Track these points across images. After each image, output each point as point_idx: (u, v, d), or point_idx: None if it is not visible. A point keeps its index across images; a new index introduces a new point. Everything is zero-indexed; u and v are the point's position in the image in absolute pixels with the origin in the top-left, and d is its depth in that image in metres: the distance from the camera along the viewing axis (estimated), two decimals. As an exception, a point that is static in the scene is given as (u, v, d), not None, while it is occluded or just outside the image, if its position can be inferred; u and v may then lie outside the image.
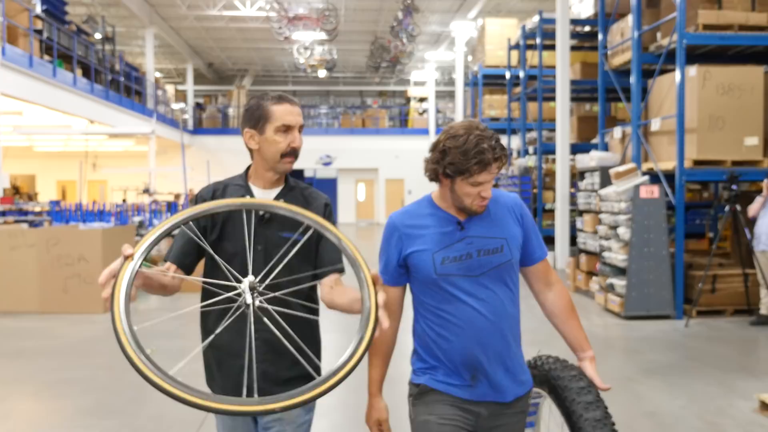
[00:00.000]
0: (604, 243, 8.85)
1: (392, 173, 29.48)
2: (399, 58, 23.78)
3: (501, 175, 15.09)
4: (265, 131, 2.14)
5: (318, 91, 35.54)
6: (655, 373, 5.81)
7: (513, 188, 14.14)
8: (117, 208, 14.21)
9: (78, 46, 15.78)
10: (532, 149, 14.92)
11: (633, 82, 9.06)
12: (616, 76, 10.02)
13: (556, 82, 12.32)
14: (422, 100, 30.60)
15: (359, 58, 28.95)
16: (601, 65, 10.34)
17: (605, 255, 8.77)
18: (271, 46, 26.49)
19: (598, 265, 9.03)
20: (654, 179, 8.53)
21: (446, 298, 2.09)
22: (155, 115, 21.41)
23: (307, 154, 27.74)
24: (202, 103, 31.31)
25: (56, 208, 12.87)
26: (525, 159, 14.86)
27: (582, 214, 10.09)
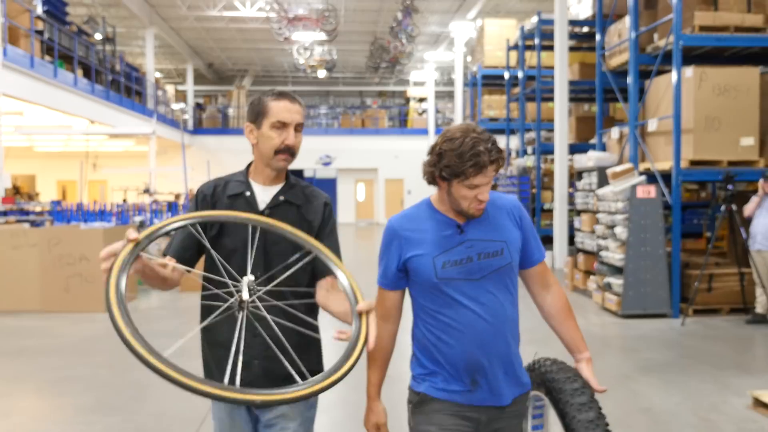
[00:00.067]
0: (602, 242, 8.91)
1: (392, 173, 29.53)
2: (398, 59, 23.84)
3: (500, 175, 15.15)
4: (262, 126, 2.15)
5: (318, 92, 35.60)
6: (652, 371, 5.87)
7: (512, 188, 14.20)
8: (118, 208, 14.26)
9: (79, 46, 15.83)
10: (531, 149, 14.98)
11: (630, 82, 9.12)
12: (613, 77, 10.07)
13: (555, 83, 12.38)
14: (422, 101, 30.64)
15: (359, 59, 29.01)
16: (598, 66, 10.40)
17: (603, 254, 8.83)
18: (271, 47, 26.54)
19: (596, 265, 9.09)
20: (651, 179, 8.59)
21: (447, 302, 2.08)
22: (155, 115, 21.46)
23: (307, 154, 27.81)
24: (202, 103, 31.39)
25: (57, 208, 12.92)
26: (524, 159, 14.92)
27: (580, 213, 10.15)
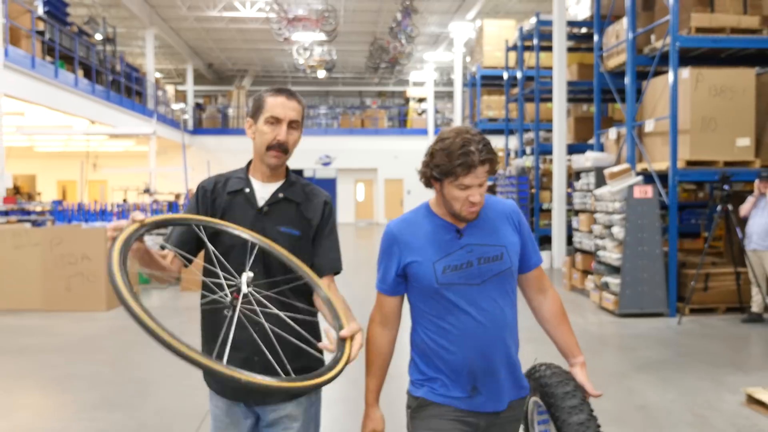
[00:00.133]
0: (599, 242, 8.98)
1: (391, 173, 29.58)
2: (398, 59, 23.90)
3: (498, 175, 15.20)
4: (259, 121, 2.14)
5: (317, 92, 35.65)
6: (648, 369, 5.94)
7: (510, 188, 14.26)
8: (118, 208, 14.33)
9: (79, 47, 15.89)
10: (530, 149, 15.04)
11: (627, 83, 9.19)
12: (611, 78, 10.13)
13: (553, 83, 12.46)
14: (421, 101, 30.70)
15: (358, 59, 29.06)
16: (596, 67, 10.47)
17: (600, 254, 8.89)
18: (271, 47, 26.60)
19: (593, 264, 9.15)
20: (648, 179, 8.66)
21: (447, 307, 2.05)
22: (155, 115, 21.52)
23: (307, 154, 27.88)
24: (201, 103, 31.44)
25: (58, 208, 12.98)
26: (522, 159, 14.98)
27: (578, 213, 10.22)
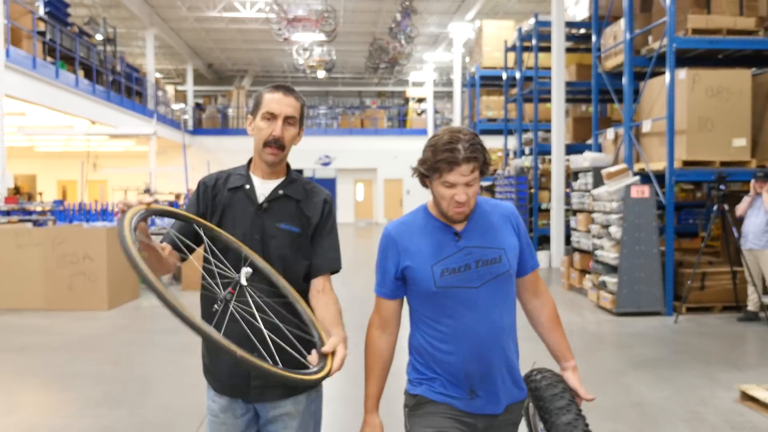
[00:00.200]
0: (597, 242, 9.05)
1: (391, 173, 29.65)
2: (397, 59, 23.95)
3: (497, 175, 15.29)
4: (256, 117, 2.15)
5: (317, 92, 35.72)
6: (644, 367, 6.01)
7: (509, 188, 14.33)
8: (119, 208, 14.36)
9: (80, 47, 15.96)
10: (528, 150, 15.09)
11: (625, 84, 9.25)
12: (609, 79, 10.20)
13: (552, 84, 12.53)
14: (420, 101, 30.78)
15: (358, 59, 29.13)
16: (594, 67, 10.54)
17: (598, 253, 8.96)
18: (271, 47, 26.67)
19: (591, 263, 9.22)
20: (645, 179, 8.72)
21: (445, 311, 2.04)
22: (155, 115, 21.58)
23: (306, 155, 27.94)
24: (201, 103, 31.50)
25: (60, 208, 13.03)
26: (521, 159, 15.03)
27: (576, 213, 10.28)
